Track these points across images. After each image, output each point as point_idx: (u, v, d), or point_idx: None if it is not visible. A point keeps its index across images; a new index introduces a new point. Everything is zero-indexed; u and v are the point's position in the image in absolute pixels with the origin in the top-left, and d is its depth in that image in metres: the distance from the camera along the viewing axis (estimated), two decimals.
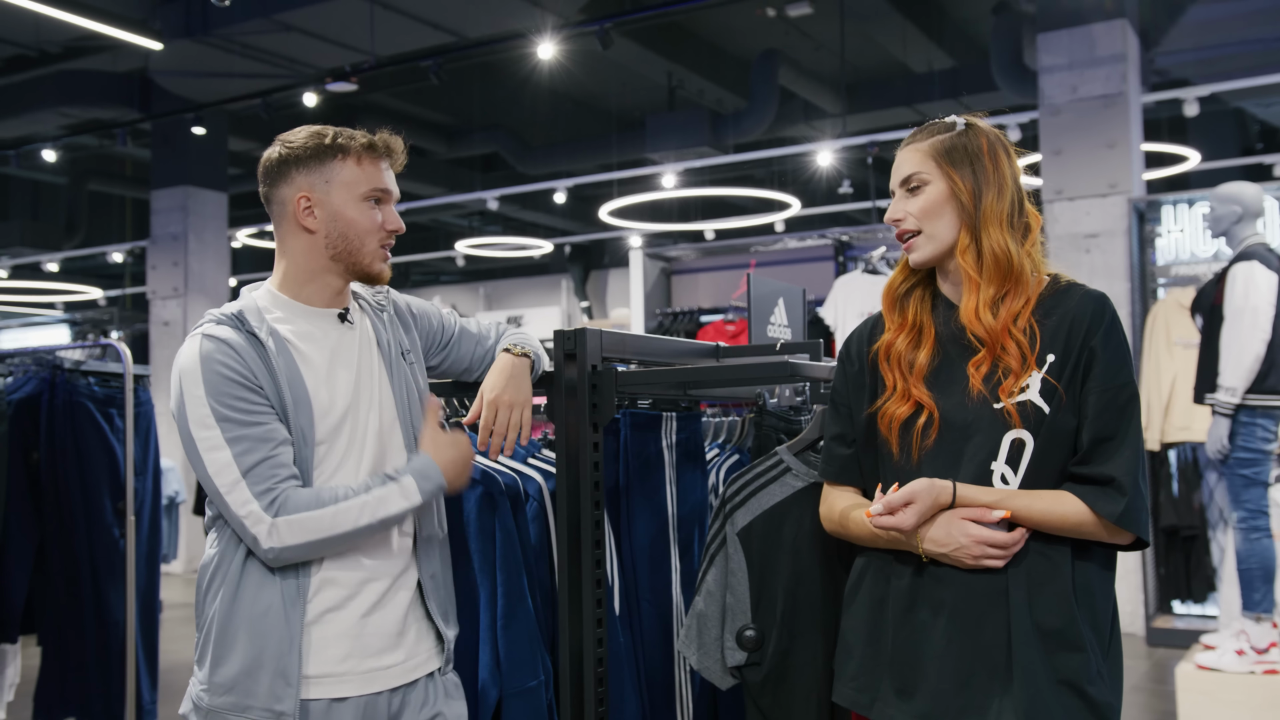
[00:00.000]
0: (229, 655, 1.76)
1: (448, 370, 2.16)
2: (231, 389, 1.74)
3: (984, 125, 1.82)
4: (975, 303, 1.73)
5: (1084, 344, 1.69)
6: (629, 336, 2.27)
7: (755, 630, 1.97)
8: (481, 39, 8.17)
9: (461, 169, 13.13)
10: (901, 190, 1.82)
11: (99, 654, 3.65)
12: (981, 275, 1.73)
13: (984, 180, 1.76)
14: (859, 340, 1.91)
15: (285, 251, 1.91)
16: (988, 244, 1.73)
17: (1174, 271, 6.57)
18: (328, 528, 1.75)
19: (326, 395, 1.84)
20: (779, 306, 2.82)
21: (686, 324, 7.52)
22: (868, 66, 10.25)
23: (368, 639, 1.83)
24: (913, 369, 1.77)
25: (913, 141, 1.83)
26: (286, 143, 1.89)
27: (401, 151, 1.95)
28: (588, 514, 2.08)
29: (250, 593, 1.77)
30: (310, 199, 1.86)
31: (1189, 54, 9.06)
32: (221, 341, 1.76)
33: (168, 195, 10.40)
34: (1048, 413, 1.67)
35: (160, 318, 10.32)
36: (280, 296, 1.89)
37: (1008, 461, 1.69)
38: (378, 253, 1.91)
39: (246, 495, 1.72)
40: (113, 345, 3.79)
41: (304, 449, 1.80)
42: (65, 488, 3.61)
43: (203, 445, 1.74)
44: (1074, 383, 1.69)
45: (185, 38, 8.44)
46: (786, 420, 2.40)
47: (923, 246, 1.79)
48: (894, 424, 1.77)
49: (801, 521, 1.98)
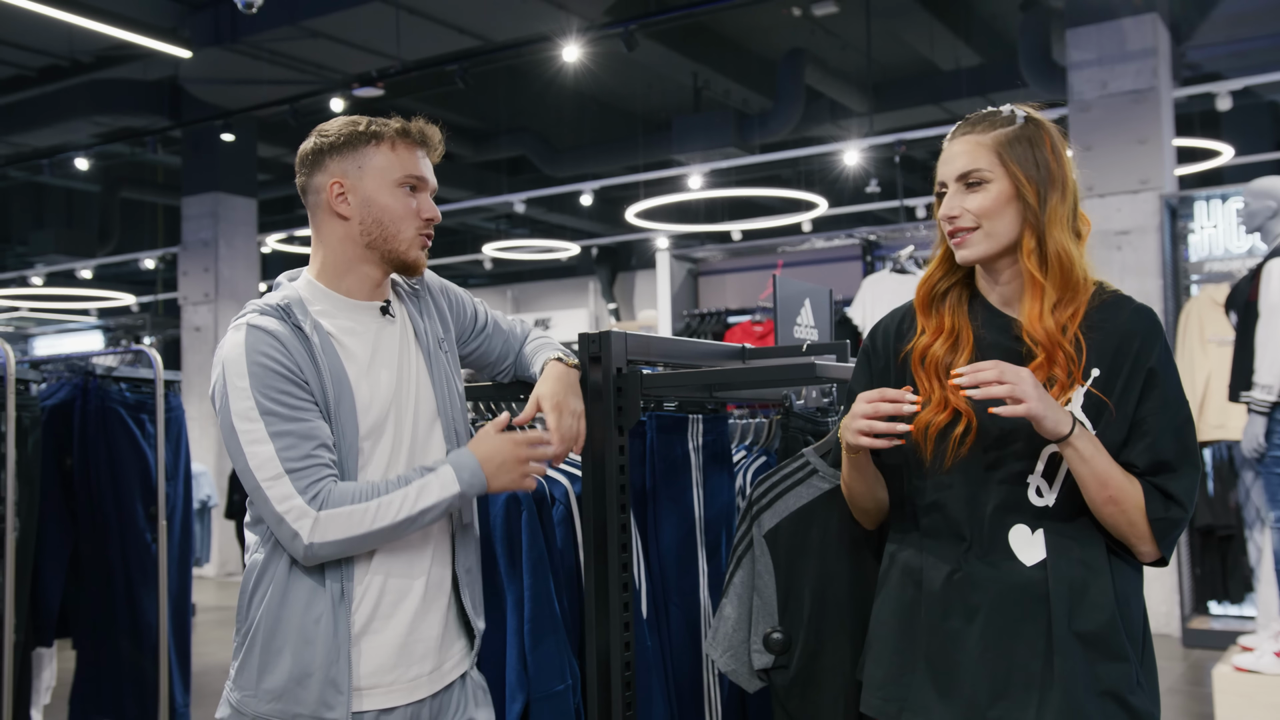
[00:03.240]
0: (276, 662, 1.73)
1: (476, 361, 2.13)
2: (277, 382, 1.70)
3: (1044, 120, 1.72)
4: (1040, 308, 1.65)
5: (1137, 362, 1.63)
6: (654, 339, 2.26)
7: (782, 633, 1.95)
8: (507, 42, 8.19)
9: (488, 172, 13.18)
10: (957, 184, 1.70)
11: (133, 657, 3.68)
12: (1047, 278, 1.66)
13: (1048, 180, 1.68)
14: (885, 335, 1.84)
15: (321, 241, 1.89)
16: (1053, 246, 1.66)
17: (1207, 268, 6.49)
18: (370, 522, 1.71)
19: (368, 392, 1.81)
20: (805, 307, 2.81)
21: (714, 325, 7.51)
22: (894, 64, 10.19)
23: (413, 646, 1.81)
24: (949, 375, 1.69)
25: (970, 132, 1.71)
26: (322, 132, 1.87)
27: (439, 141, 1.91)
28: (614, 517, 2.07)
29: (299, 599, 1.74)
30: (344, 185, 1.83)
31: (1221, 47, 8.95)
32: (267, 333, 1.73)
33: (198, 202, 10.50)
34: (1089, 428, 1.62)
35: (191, 323, 10.42)
36: (320, 287, 1.86)
37: (1044, 475, 1.65)
38: (414, 239, 1.87)
39: (289, 490, 1.68)
40: (144, 351, 3.83)
41: (345, 446, 1.77)
42: (98, 493, 3.64)
43: (245, 438, 1.70)
44: (1125, 401, 1.63)
45: (214, 45, 8.54)
46: (813, 422, 2.39)
47: (978, 244, 1.69)
48: (930, 431, 1.70)
49: (828, 524, 1.97)
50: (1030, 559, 1.65)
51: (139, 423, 3.73)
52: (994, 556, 1.67)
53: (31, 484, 3.41)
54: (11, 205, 15.06)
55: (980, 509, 1.68)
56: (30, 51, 9.30)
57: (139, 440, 3.71)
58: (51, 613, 3.61)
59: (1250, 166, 9.41)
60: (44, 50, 9.29)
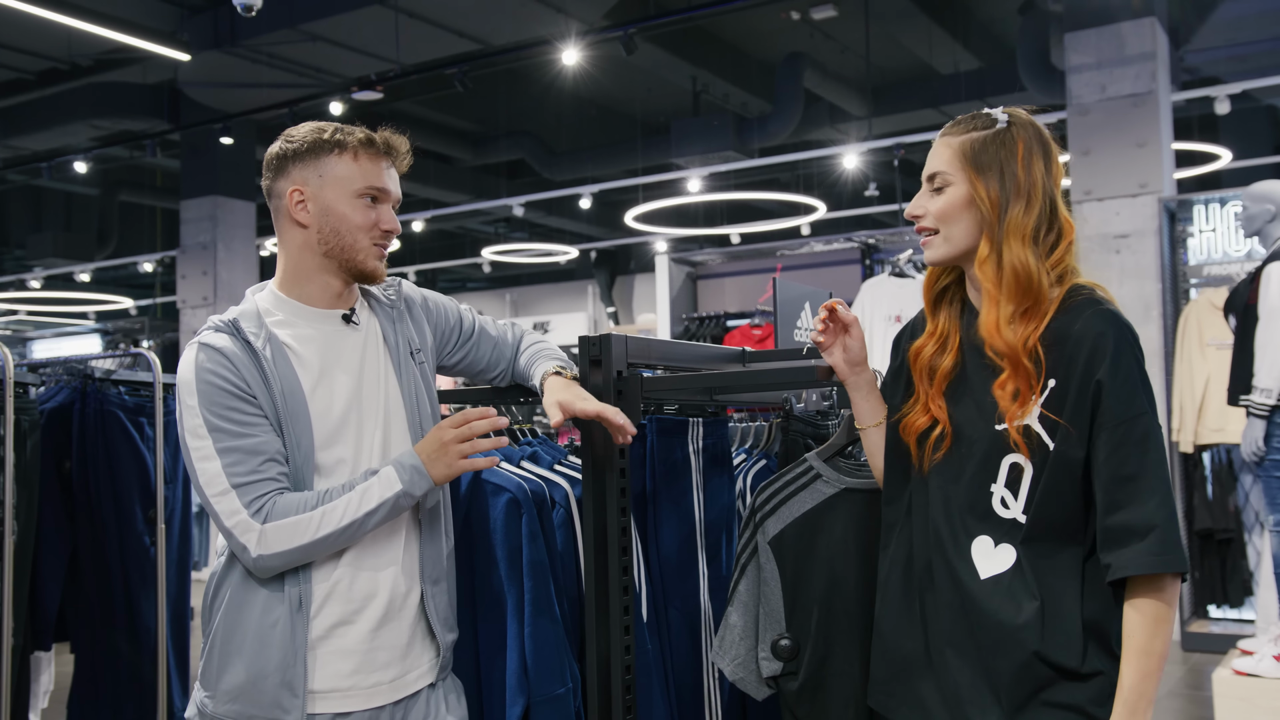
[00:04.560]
0: (234, 664, 1.76)
1: (465, 370, 2.13)
2: (224, 399, 1.72)
3: (1027, 122, 1.71)
4: (996, 318, 1.64)
5: (1086, 374, 1.58)
6: (654, 342, 2.26)
7: (790, 640, 1.95)
8: (506, 46, 8.20)
9: (487, 176, 13.18)
10: (926, 184, 1.74)
11: (131, 661, 3.67)
12: (1001, 290, 1.64)
13: (1012, 190, 1.65)
14: (907, 334, 1.87)
15: (283, 248, 1.89)
16: (1008, 258, 1.64)
17: (1206, 271, 6.49)
18: (314, 530, 1.72)
19: (325, 399, 1.81)
20: (805, 310, 2.81)
21: (713, 329, 7.50)
22: (893, 68, 10.20)
23: (376, 653, 1.82)
24: (934, 378, 1.73)
25: (947, 134, 1.73)
26: (288, 137, 1.87)
27: (405, 152, 1.90)
28: (615, 520, 2.07)
29: (258, 606, 1.76)
30: (303, 193, 1.83)
31: (1219, 51, 8.95)
32: (216, 350, 1.75)
33: (197, 205, 10.49)
34: (1049, 442, 1.60)
35: (190, 326, 10.41)
36: (282, 297, 1.87)
37: (1007, 485, 1.64)
38: (371, 250, 1.86)
39: (236, 504, 1.71)
40: (143, 354, 3.82)
41: (301, 456, 1.77)
42: (97, 496, 3.63)
43: (195, 455, 1.73)
44: (1079, 415, 1.58)
45: (213, 49, 8.53)
46: (814, 425, 2.38)
47: (937, 247, 1.73)
48: (912, 434, 1.74)
49: (834, 528, 1.96)
50: (986, 571, 1.65)
51: (138, 426, 3.73)
52: (958, 565, 1.67)
53: (30, 487, 3.40)
54: (10, 208, 15.06)
55: (950, 516, 1.69)
56: (29, 55, 9.30)
57: (138, 444, 3.71)
58: (50, 616, 3.60)
59: (1249, 170, 9.42)
60: (43, 53, 9.29)
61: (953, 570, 1.67)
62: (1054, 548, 1.62)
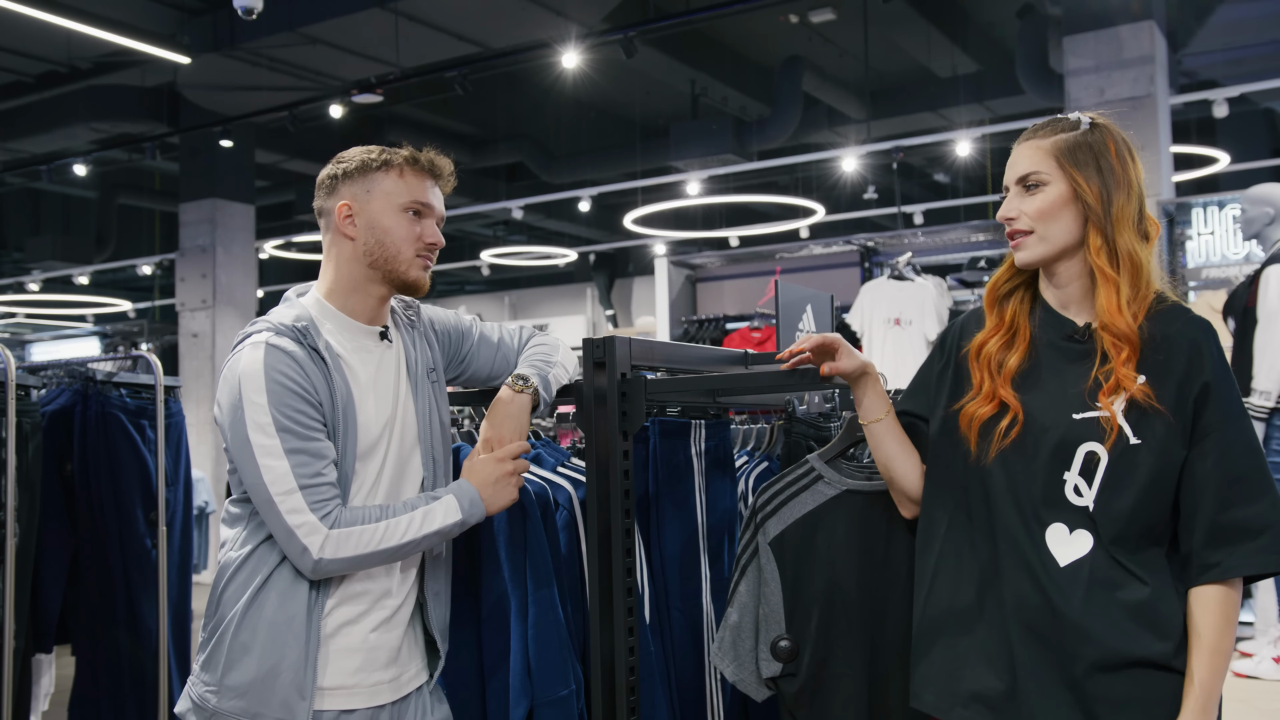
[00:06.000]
0: (244, 660, 1.78)
1: (468, 382, 2.19)
2: (294, 401, 1.78)
3: (1111, 125, 1.74)
4: (1117, 301, 1.65)
5: (1190, 376, 1.62)
6: (657, 344, 2.27)
7: (790, 640, 1.95)
8: (505, 49, 8.20)
9: (486, 178, 13.18)
10: (1017, 188, 1.74)
11: (132, 664, 3.67)
12: (1120, 274, 1.66)
13: (1113, 183, 1.69)
14: (953, 334, 1.87)
15: (330, 261, 1.97)
16: (1121, 246, 1.66)
17: (1205, 274, 6.50)
18: (378, 542, 1.79)
19: (370, 414, 1.89)
20: (807, 312, 2.81)
21: (712, 331, 7.51)
22: (892, 71, 10.22)
23: (376, 653, 1.88)
24: (1001, 370, 1.73)
25: (1033, 137, 1.75)
26: (339, 159, 1.97)
27: (450, 173, 2.02)
28: (618, 522, 2.07)
29: (274, 600, 1.80)
30: (351, 208, 1.93)
31: (1217, 55, 8.99)
32: (285, 353, 1.80)
33: (196, 208, 10.49)
34: (1129, 433, 1.61)
35: (189, 329, 10.40)
36: (327, 306, 1.94)
37: (1081, 473, 1.64)
38: (414, 261, 1.95)
39: (301, 504, 1.75)
40: (144, 357, 3.82)
41: (345, 465, 1.84)
42: (98, 499, 3.63)
43: (260, 451, 1.76)
44: (1181, 415, 1.61)
45: (213, 51, 8.53)
46: (816, 427, 2.39)
47: (1032, 247, 1.72)
48: (974, 423, 1.72)
49: (834, 530, 1.97)
50: (1066, 558, 1.64)
51: (139, 428, 3.72)
52: (1032, 555, 1.66)
53: (32, 490, 3.40)
54: (9, 211, 15.05)
55: (1020, 504, 1.68)
56: (28, 58, 9.29)
57: (139, 446, 3.71)
58: (51, 618, 3.60)
59: (1247, 173, 9.45)
60: (42, 56, 9.28)
61: (1026, 561, 1.66)
62: (1137, 543, 1.63)
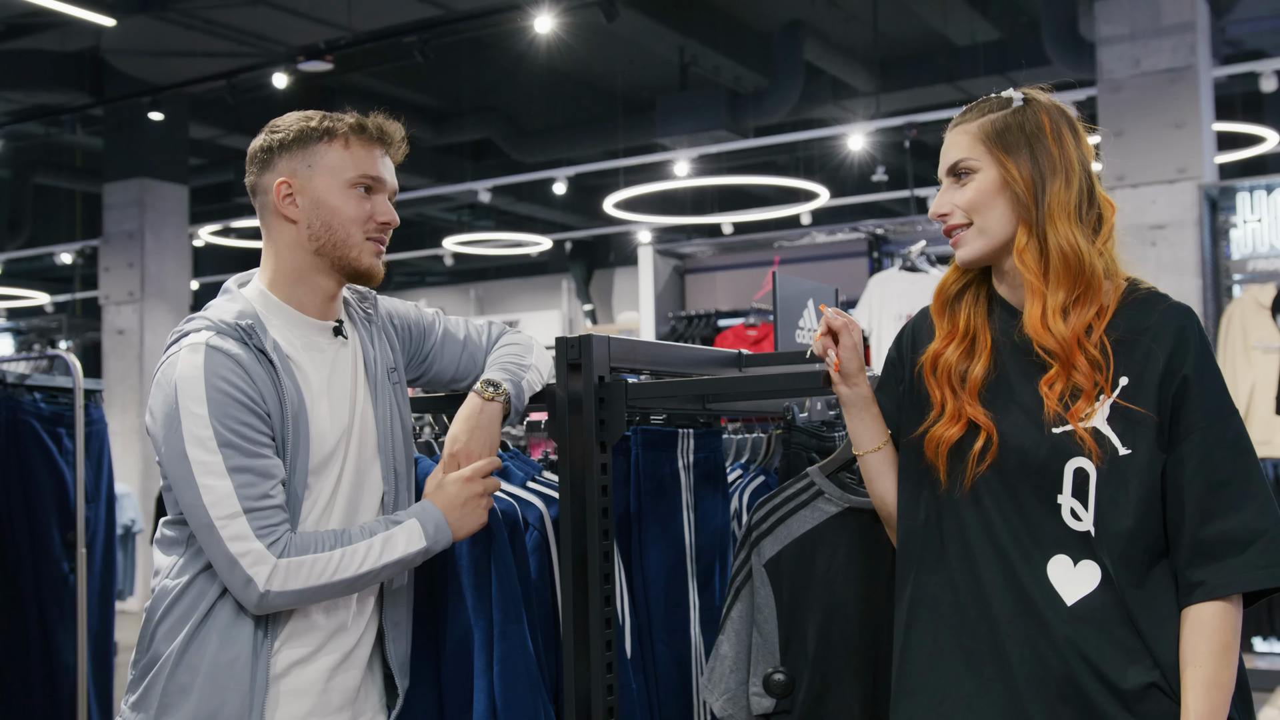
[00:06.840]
0: (181, 703, 1.75)
1: (430, 384, 2.17)
2: (238, 412, 1.73)
3: (1045, 100, 1.74)
4: (1042, 309, 1.65)
5: (1170, 369, 1.61)
6: (640, 344, 2.26)
7: (785, 674, 1.95)
8: (471, 12, 8.19)
9: (450, 157, 13.16)
10: (949, 179, 1.75)
11: (46, 703, 3.65)
12: (1047, 278, 1.66)
13: (1046, 166, 1.68)
14: (905, 342, 1.86)
15: (271, 247, 1.92)
16: (1054, 241, 1.66)
17: (1251, 266, 6.54)
18: (332, 573, 1.76)
19: (324, 422, 1.85)
20: (809, 309, 2.81)
21: (702, 328, 7.52)
22: (904, 39, 10.24)
23: (330, 695, 1.86)
24: (965, 383, 1.71)
25: (961, 122, 1.76)
26: (273, 128, 1.91)
27: (401, 139, 1.96)
28: (595, 544, 2.07)
29: (216, 637, 1.76)
30: (291, 185, 1.87)
31: (1266, 22, 9.02)
32: (228, 356, 1.75)
33: (122, 189, 10.44)
34: (1117, 444, 1.61)
35: (114, 325, 10.35)
36: (273, 299, 1.90)
37: (1075, 494, 1.63)
38: (366, 245, 1.90)
39: (246, 530, 1.71)
40: (61, 357, 3.80)
41: (296, 480, 1.80)
42: (8, 517, 3.61)
43: (199, 469, 1.72)
44: (1161, 413, 1.61)
45: (141, 13, 8.48)
46: (818, 437, 2.39)
47: (971, 242, 1.73)
48: (942, 448, 1.70)
49: (835, 551, 1.97)
50: (1073, 595, 1.62)
51: (55, 438, 3.71)
52: (1035, 593, 1.64)
53: None
54: None
55: (1011, 539, 1.66)
56: None
57: (55, 457, 3.69)
58: None
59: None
60: None
61: (1028, 603, 1.64)
62: (1143, 564, 1.62)
